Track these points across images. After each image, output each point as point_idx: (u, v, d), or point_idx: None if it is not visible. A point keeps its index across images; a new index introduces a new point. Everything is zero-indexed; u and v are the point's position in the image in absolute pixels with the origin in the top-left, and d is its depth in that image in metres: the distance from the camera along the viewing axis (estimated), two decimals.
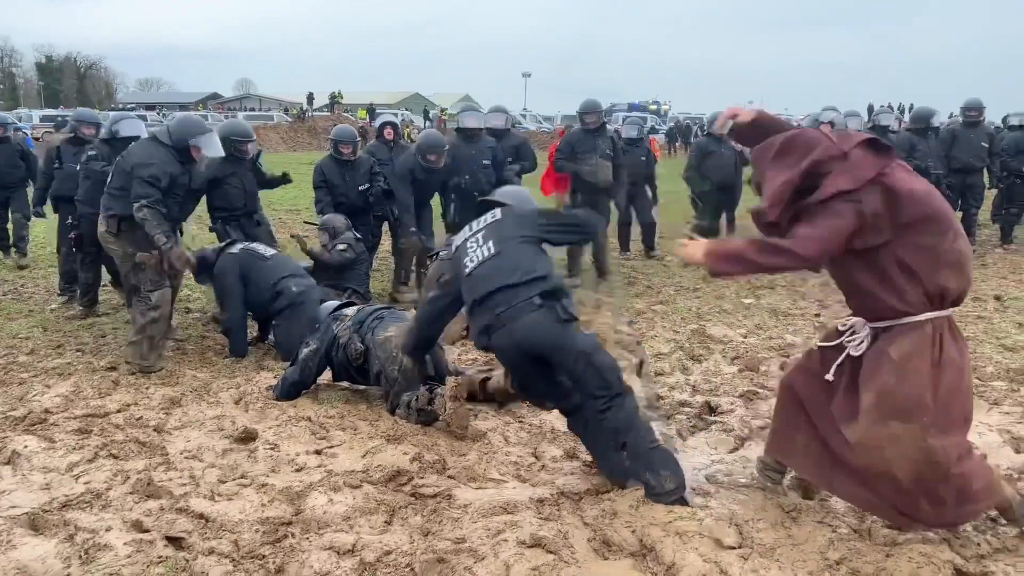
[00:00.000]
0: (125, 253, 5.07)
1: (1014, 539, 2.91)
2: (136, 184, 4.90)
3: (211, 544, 2.89)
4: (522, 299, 3.25)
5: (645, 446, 3.17)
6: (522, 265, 3.35)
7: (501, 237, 3.47)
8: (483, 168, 7.37)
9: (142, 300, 5.05)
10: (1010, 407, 4.35)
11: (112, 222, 5.05)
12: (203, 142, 5.14)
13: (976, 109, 9.79)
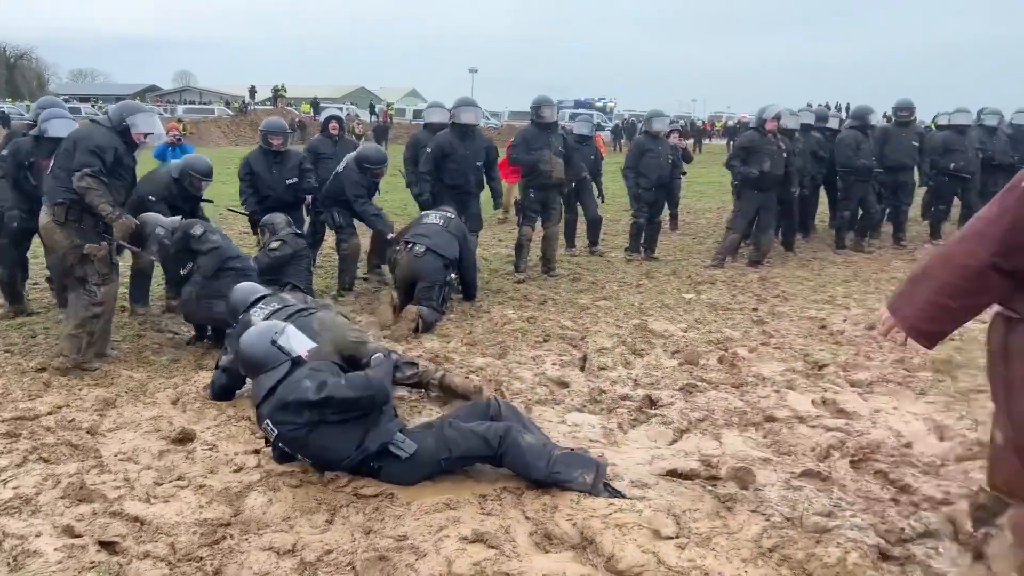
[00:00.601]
0: (72, 244, 4.82)
1: (935, 524, 3.03)
2: (78, 154, 4.70)
3: (146, 548, 2.84)
4: (366, 471, 3.34)
5: (546, 469, 3.21)
6: (344, 453, 3.33)
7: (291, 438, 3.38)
8: (476, 169, 7.38)
9: (87, 293, 4.86)
10: (935, 396, 4.53)
11: (59, 210, 4.78)
12: (139, 120, 4.96)
13: (907, 109, 10.12)
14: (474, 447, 3.32)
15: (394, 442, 3.32)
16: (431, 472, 3.34)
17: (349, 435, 3.32)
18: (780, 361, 5.23)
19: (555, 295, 7.27)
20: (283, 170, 7.15)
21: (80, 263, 4.85)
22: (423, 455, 3.31)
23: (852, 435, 3.90)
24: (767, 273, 8.40)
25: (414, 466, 3.31)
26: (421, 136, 8.14)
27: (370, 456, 3.31)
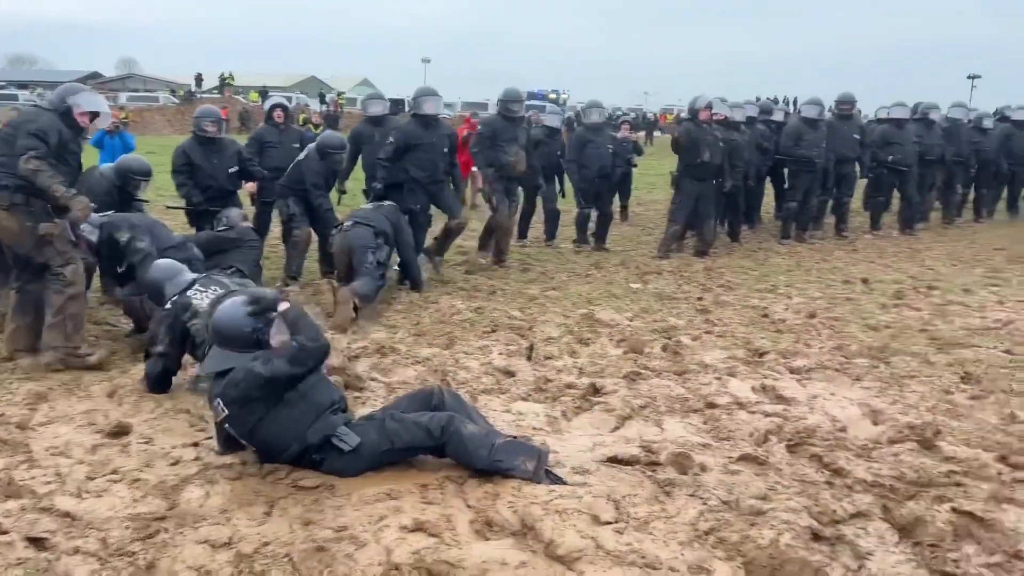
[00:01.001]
0: (23, 228, 4.53)
1: (867, 505, 3.11)
2: (20, 138, 4.43)
3: (76, 543, 2.76)
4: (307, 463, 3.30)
5: (487, 458, 3.21)
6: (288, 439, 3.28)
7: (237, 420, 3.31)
8: (443, 156, 7.29)
9: (55, 278, 4.62)
10: (870, 382, 4.66)
11: (3, 195, 4.47)
12: (82, 100, 4.69)
13: (848, 103, 10.37)
14: (416, 438, 3.30)
15: (337, 435, 3.28)
16: (373, 465, 3.31)
17: (296, 423, 3.26)
18: (722, 349, 5.32)
19: (504, 285, 7.28)
20: (223, 159, 7.00)
21: (38, 247, 4.58)
22: (365, 448, 3.28)
23: (789, 420, 3.99)
24: (712, 263, 8.53)
25: (356, 459, 3.28)
26: (364, 129, 8.01)
27: (311, 447, 3.27)
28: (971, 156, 11.71)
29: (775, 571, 2.64)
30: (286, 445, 3.28)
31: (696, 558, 2.70)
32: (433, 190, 7.31)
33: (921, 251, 9.70)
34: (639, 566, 2.64)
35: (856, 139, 10.25)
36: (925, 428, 3.79)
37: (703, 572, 2.63)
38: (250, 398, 3.23)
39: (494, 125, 8.00)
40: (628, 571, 2.61)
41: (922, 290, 7.39)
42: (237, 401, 3.25)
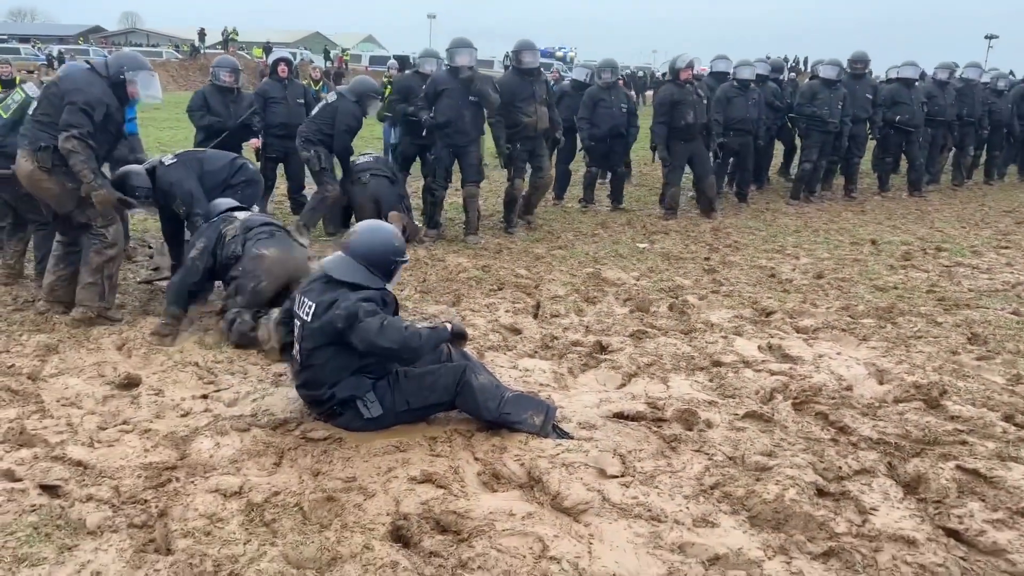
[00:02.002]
0: (64, 189, 4.47)
1: (872, 462, 3.14)
2: (67, 111, 4.35)
3: (89, 491, 2.80)
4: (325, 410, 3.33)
5: (496, 410, 3.24)
6: (320, 382, 3.28)
7: (305, 346, 3.31)
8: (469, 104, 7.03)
9: (96, 238, 4.59)
10: (877, 342, 4.65)
11: (44, 155, 4.39)
12: (140, 79, 4.64)
13: (861, 62, 10.19)
14: (432, 397, 3.31)
15: (364, 399, 3.26)
16: (389, 426, 3.32)
17: (338, 372, 3.26)
18: (729, 308, 5.32)
19: (511, 244, 7.25)
20: (238, 108, 7.08)
21: (79, 207, 4.54)
22: (384, 415, 3.28)
23: (795, 379, 4.00)
24: (720, 223, 8.48)
25: (373, 424, 3.29)
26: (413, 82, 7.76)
27: (336, 400, 3.27)
28: (984, 117, 11.55)
29: (780, 525, 2.67)
30: (320, 383, 3.28)
31: (701, 512, 2.73)
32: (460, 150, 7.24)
33: (930, 213, 9.63)
34: (645, 518, 2.68)
35: (868, 99, 10.11)
36: (931, 387, 3.80)
37: (708, 525, 2.66)
38: (335, 328, 3.18)
39: (509, 84, 7.50)
40: (634, 523, 2.65)
41: (930, 251, 7.35)
42: (326, 320, 3.19)
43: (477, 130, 7.23)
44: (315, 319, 3.25)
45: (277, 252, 4.47)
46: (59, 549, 2.47)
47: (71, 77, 4.57)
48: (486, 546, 2.49)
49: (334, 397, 3.27)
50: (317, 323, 3.24)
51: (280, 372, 4.01)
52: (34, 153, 4.42)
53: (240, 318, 4.32)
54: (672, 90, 8.38)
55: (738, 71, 9.32)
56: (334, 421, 3.32)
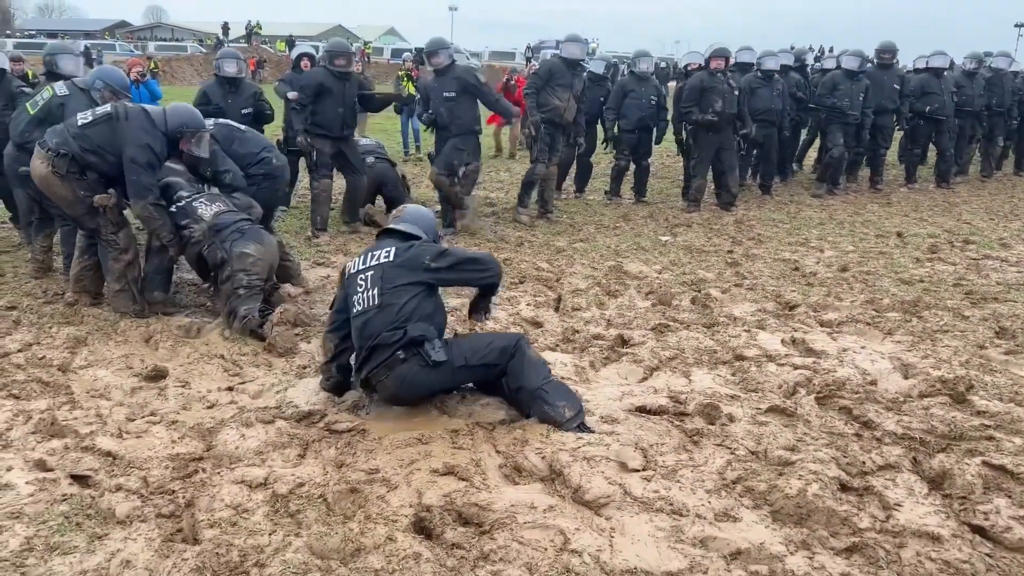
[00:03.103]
0: (76, 196, 4.57)
1: (896, 457, 3.11)
2: (137, 171, 4.50)
3: (118, 481, 2.85)
4: (387, 356, 3.31)
5: (538, 383, 3.29)
6: (397, 320, 3.33)
7: (385, 285, 3.40)
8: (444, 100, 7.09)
9: (108, 245, 4.69)
10: (902, 336, 4.61)
11: (61, 162, 4.48)
12: (197, 139, 4.76)
13: (889, 52, 10.05)
14: (489, 356, 3.35)
15: (432, 342, 3.32)
16: (444, 385, 3.38)
17: (413, 312, 3.34)
18: (752, 302, 5.29)
19: (532, 237, 7.26)
20: (238, 99, 7.10)
21: (89, 214, 4.63)
22: (445, 366, 3.31)
23: (819, 373, 3.98)
24: (743, 216, 8.43)
25: (433, 375, 3.31)
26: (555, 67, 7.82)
27: (404, 342, 3.28)
28: (1013, 107, 11.36)
29: (802, 520, 2.66)
30: (393, 321, 3.32)
31: (723, 506, 2.73)
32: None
33: (958, 205, 9.50)
34: (667, 512, 2.68)
35: (896, 89, 9.97)
36: (957, 382, 3.76)
37: (730, 520, 2.66)
38: (421, 262, 3.41)
39: (552, 68, 7.74)
40: (656, 517, 2.65)
41: (957, 244, 7.25)
42: (411, 255, 3.43)
43: (459, 124, 7.14)
44: (397, 258, 3.43)
45: (256, 246, 4.67)
46: (90, 538, 2.52)
47: (137, 122, 4.60)
48: (508, 538, 2.51)
49: (405, 335, 3.30)
50: (400, 260, 3.41)
51: (304, 365, 4.05)
52: (52, 158, 4.49)
53: (251, 314, 4.44)
54: (702, 77, 8.35)
55: (762, 61, 9.23)
56: (394, 371, 3.30)
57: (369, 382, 3.41)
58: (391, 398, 3.44)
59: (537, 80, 7.69)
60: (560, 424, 3.21)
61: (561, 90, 7.60)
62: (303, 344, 4.36)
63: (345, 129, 7.00)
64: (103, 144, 4.54)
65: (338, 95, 6.82)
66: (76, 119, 4.65)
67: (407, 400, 3.44)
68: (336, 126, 6.89)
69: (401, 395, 3.39)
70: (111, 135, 4.55)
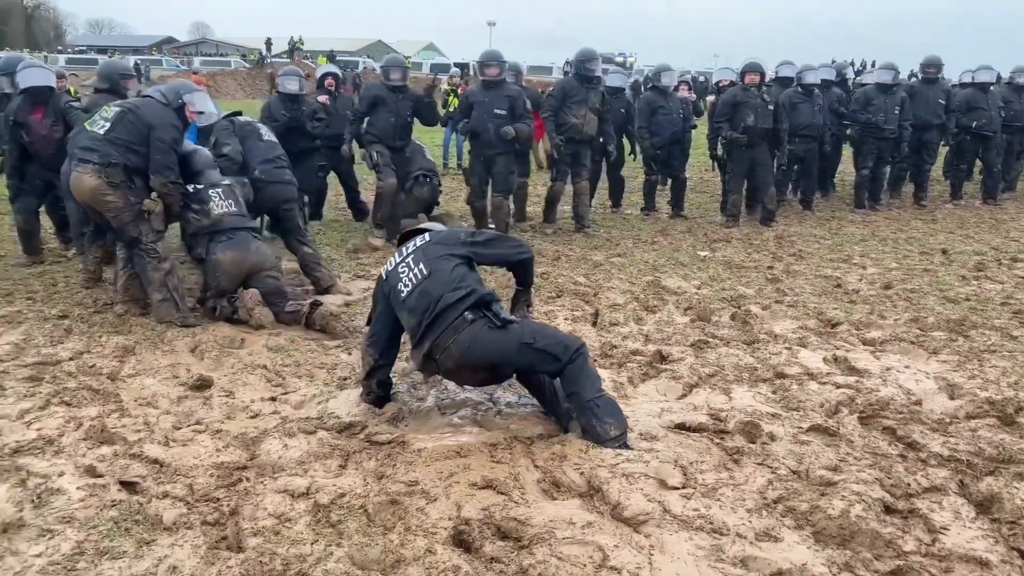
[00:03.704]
0: (127, 203, 4.76)
1: (942, 479, 3.05)
2: (159, 151, 4.78)
3: (165, 488, 2.92)
4: (454, 318, 3.31)
5: (591, 396, 3.28)
6: (452, 283, 3.38)
7: (430, 257, 3.49)
8: (494, 116, 7.26)
9: (147, 254, 4.84)
10: (947, 356, 4.52)
11: (115, 171, 4.69)
12: (196, 99, 5.01)
13: (934, 66, 9.92)
14: (553, 346, 3.33)
15: (498, 302, 3.41)
16: (504, 357, 3.35)
17: (464, 275, 3.43)
18: (793, 319, 5.23)
19: (569, 251, 7.27)
20: (299, 116, 7.31)
21: (134, 222, 4.80)
22: (510, 333, 3.32)
23: (862, 392, 3.92)
24: (783, 231, 8.34)
25: (499, 338, 3.31)
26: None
27: (474, 300, 3.32)
28: None
29: (845, 542, 2.62)
30: (447, 283, 3.37)
31: (764, 526, 2.70)
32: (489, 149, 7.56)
33: (1005, 222, 9.29)
34: (706, 531, 2.66)
35: (940, 104, 9.82)
36: (1006, 404, 3.68)
37: (771, 540, 2.63)
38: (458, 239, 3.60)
39: (565, 86, 7.85)
40: (695, 535, 2.63)
41: (1005, 262, 7.10)
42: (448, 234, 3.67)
43: (506, 143, 7.32)
44: (433, 238, 3.59)
45: (233, 254, 4.97)
46: (138, 543, 2.58)
47: (152, 110, 4.89)
48: (546, 554, 2.51)
49: (474, 293, 3.34)
50: (437, 239, 3.58)
51: (345, 377, 4.11)
52: (103, 168, 4.67)
53: (219, 305, 4.92)
54: (736, 92, 8.33)
55: (803, 76, 9.16)
56: (461, 333, 3.30)
57: (431, 356, 3.38)
58: (456, 368, 3.40)
59: (553, 102, 7.77)
60: (602, 441, 3.20)
61: (576, 107, 7.67)
62: (343, 355, 4.42)
63: (398, 140, 7.29)
64: (133, 140, 4.78)
65: (392, 107, 7.19)
66: (92, 132, 4.81)
67: (471, 369, 3.41)
68: (389, 136, 7.23)
69: (466, 360, 3.34)
70: (134, 129, 4.79)
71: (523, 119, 7.38)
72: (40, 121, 5.94)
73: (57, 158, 5.70)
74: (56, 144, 5.89)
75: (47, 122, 5.93)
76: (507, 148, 7.34)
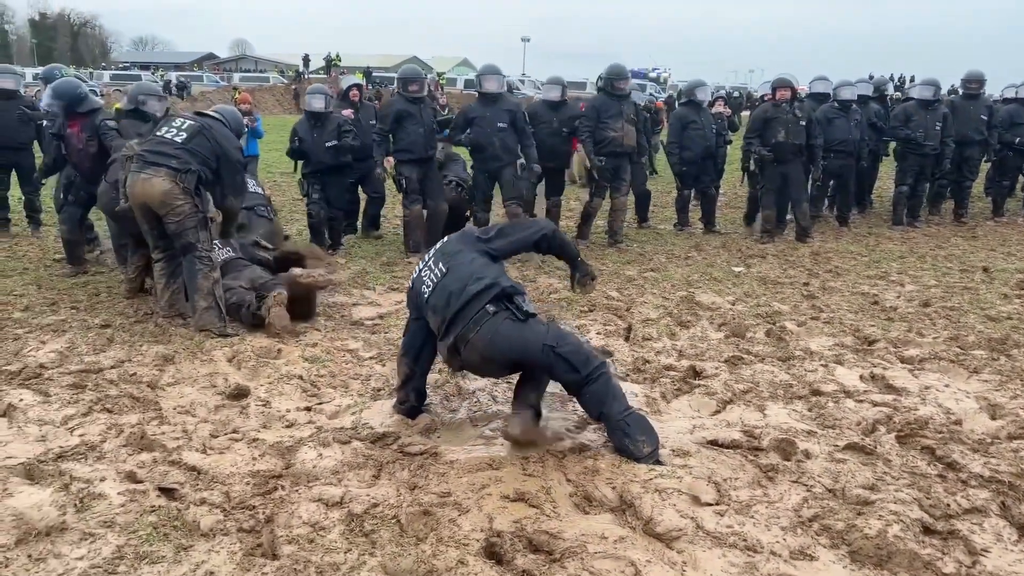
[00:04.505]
0: (195, 211, 4.98)
1: (983, 501, 2.99)
2: (235, 172, 5.24)
3: (203, 495, 2.97)
4: (476, 311, 3.30)
5: (619, 414, 3.25)
6: (473, 275, 3.38)
7: (448, 254, 3.54)
8: (499, 131, 7.36)
9: (199, 261, 4.98)
10: (989, 375, 4.43)
11: (190, 178, 4.94)
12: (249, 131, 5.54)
13: (977, 81, 9.77)
14: (575, 355, 3.27)
15: (522, 294, 3.38)
16: (526, 351, 3.31)
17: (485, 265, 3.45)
18: (829, 336, 5.17)
19: (601, 266, 7.26)
20: (323, 133, 7.39)
21: (195, 228, 4.98)
22: (532, 330, 3.30)
23: (900, 411, 3.86)
24: (819, 247, 8.26)
25: (521, 332, 3.27)
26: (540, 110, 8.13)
27: (497, 291, 3.31)
28: None
29: (882, 562, 2.58)
30: (469, 276, 3.38)
31: (799, 544, 2.67)
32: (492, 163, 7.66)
33: None
34: (740, 548, 2.63)
35: (983, 120, 9.66)
36: None
37: (806, 558, 2.60)
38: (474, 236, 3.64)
39: (597, 104, 7.88)
40: (729, 552, 2.61)
41: None
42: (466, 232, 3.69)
43: (510, 154, 7.46)
44: (451, 240, 3.63)
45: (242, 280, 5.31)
46: (176, 549, 2.63)
47: (222, 133, 5.22)
48: (578, 567, 2.51)
49: (497, 285, 3.33)
50: (454, 239, 3.62)
51: (379, 388, 4.14)
52: (180, 174, 4.91)
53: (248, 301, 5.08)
54: (767, 108, 8.32)
55: (838, 91, 9.09)
56: (483, 326, 3.28)
57: (456, 349, 3.37)
58: (479, 361, 3.40)
59: (588, 122, 7.76)
60: (636, 458, 3.19)
61: (612, 120, 7.70)
62: (378, 367, 4.46)
63: (428, 150, 7.30)
64: (207, 155, 5.04)
65: (417, 117, 7.24)
66: (167, 139, 5.03)
67: (494, 362, 3.40)
68: (420, 147, 7.26)
69: (489, 354, 3.33)
70: (208, 145, 5.06)
71: (523, 132, 7.49)
72: (76, 135, 6.12)
73: (95, 172, 5.87)
74: (91, 159, 6.07)
75: (83, 136, 6.10)
76: (512, 159, 7.47)
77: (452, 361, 3.49)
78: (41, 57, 62.68)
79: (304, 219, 8.16)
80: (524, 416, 3.41)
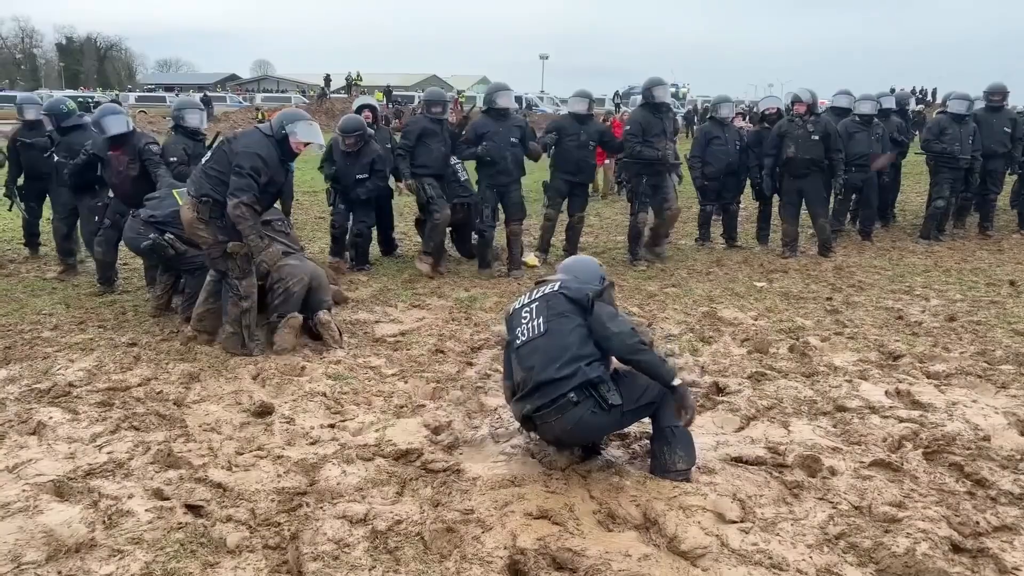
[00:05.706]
0: (216, 240, 4.90)
1: (1013, 518, 2.95)
2: (236, 176, 4.74)
3: (229, 512, 3.00)
4: (558, 394, 3.18)
5: (671, 422, 3.26)
6: (565, 353, 3.23)
7: (552, 312, 3.37)
8: (511, 146, 7.44)
9: (231, 288, 5.01)
10: (1017, 391, 4.37)
11: (204, 207, 4.84)
12: (299, 129, 4.91)
13: (999, 93, 9.68)
14: (645, 398, 3.24)
15: (607, 384, 3.19)
16: (611, 428, 3.36)
17: (581, 341, 3.25)
18: (853, 351, 5.13)
19: (622, 281, 7.25)
20: (355, 164, 7.46)
21: (221, 258, 4.97)
22: (616, 418, 3.24)
23: (926, 427, 3.82)
24: (842, 262, 8.20)
25: (604, 421, 3.22)
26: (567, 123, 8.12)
27: (579, 383, 3.16)
28: None
29: None
30: (561, 353, 3.22)
31: (825, 562, 2.65)
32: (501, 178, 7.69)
33: None
34: (765, 566, 2.62)
35: (1007, 132, 9.56)
36: None
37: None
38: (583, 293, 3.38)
39: (641, 121, 7.84)
40: (754, 570, 2.59)
41: None
42: (573, 289, 3.41)
43: (519, 170, 7.57)
44: (564, 286, 3.44)
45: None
46: (203, 565, 2.65)
47: (246, 140, 4.93)
48: None
49: (580, 373, 3.17)
50: (568, 289, 3.41)
51: (402, 404, 4.16)
52: (196, 202, 4.85)
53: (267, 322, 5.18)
54: (782, 123, 8.32)
55: (859, 106, 9.05)
56: (566, 414, 3.16)
57: (531, 420, 3.31)
58: (555, 440, 3.39)
59: (634, 139, 7.74)
60: (665, 470, 3.18)
61: (656, 139, 7.71)
62: (400, 383, 4.49)
63: (445, 167, 7.53)
64: (223, 170, 4.83)
65: (440, 136, 7.41)
66: (200, 164, 5.06)
67: (571, 443, 3.42)
68: (440, 164, 7.43)
69: (567, 438, 3.32)
70: (224, 159, 4.87)
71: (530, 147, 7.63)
72: (118, 157, 6.22)
73: (135, 196, 5.96)
74: (131, 183, 6.15)
75: (125, 159, 6.20)
76: (520, 174, 7.59)
77: (525, 426, 3.44)
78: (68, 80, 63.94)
79: (327, 237, 8.23)
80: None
